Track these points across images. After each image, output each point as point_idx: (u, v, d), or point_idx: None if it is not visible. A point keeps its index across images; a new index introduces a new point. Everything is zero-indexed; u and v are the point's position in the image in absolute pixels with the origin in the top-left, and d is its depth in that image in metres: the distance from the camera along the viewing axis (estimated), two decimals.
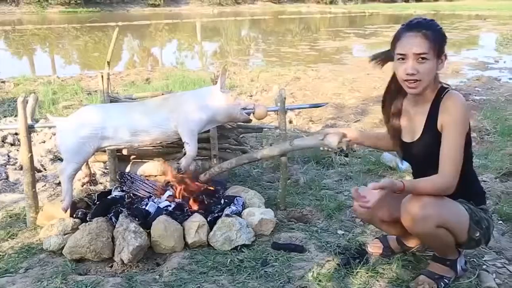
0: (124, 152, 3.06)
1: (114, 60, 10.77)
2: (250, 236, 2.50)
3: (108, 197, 2.82)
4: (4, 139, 4.39)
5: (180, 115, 2.53)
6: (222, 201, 2.76)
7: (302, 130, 5.15)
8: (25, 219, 2.81)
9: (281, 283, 2.14)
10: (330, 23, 27.01)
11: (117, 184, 2.96)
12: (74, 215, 2.65)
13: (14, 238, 2.64)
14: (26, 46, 15.89)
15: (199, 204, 2.75)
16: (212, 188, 2.91)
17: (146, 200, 2.75)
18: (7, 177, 3.68)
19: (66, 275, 2.22)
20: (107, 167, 3.22)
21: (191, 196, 2.80)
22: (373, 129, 5.00)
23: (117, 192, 2.86)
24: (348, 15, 33.68)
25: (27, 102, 2.70)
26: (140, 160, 3.12)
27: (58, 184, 3.39)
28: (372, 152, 4.16)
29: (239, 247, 2.44)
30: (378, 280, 2.13)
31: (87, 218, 2.57)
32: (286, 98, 2.87)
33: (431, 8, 37.21)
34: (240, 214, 2.65)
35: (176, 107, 2.55)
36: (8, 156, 4.10)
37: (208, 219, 2.56)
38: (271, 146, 2.74)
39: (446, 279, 2.05)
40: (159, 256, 2.44)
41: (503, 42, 14.81)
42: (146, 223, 2.48)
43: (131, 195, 2.82)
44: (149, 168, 3.07)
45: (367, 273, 2.18)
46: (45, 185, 3.43)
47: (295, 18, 30.07)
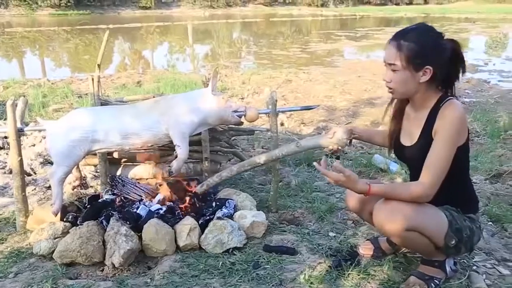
0: (115, 155, 3.05)
1: (105, 63, 10.73)
2: (241, 238, 2.50)
3: (99, 200, 2.81)
4: None
5: (171, 118, 2.52)
6: (214, 203, 2.75)
7: (293, 132, 5.16)
8: (14, 223, 2.79)
9: (273, 285, 2.14)
10: (321, 25, 27.14)
11: (107, 187, 2.94)
12: (65, 219, 2.63)
13: (3, 243, 2.61)
14: (16, 48, 15.80)
15: (191, 207, 2.75)
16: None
17: (137, 203, 2.74)
18: None
19: (57, 279, 2.20)
20: (98, 170, 3.21)
21: (182, 199, 2.79)
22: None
23: (108, 195, 2.85)
24: (339, 17, 33.84)
25: (16, 105, 2.68)
26: (131, 163, 3.11)
27: (48, 187, 3.37)
28: (363, 154, 4.18)
29: (230, 250, 2.44)
30: (369, 282, 2.14)
31: (78, 222, 2.55)
32: (277, 101, 2.87)
33: (421, 11, 37.49)
34: (231, 216, 2.65)
35: (167, 110, 2.55)
36: None
37: (200, 222, 2.55)
38: (278, 148, 2.65)
39: (436, 280, 2.06)
40: (150, 260, 2.43)
41: (493, 45, 14.97)
42: (137, 226, 2.47)
43: (122, 198, 2.80)
44: (140, 171, 3.06)
45: (359, 275, 2.18)
46: (35, 188, 3.40)
47: (287, 21, 30.18)
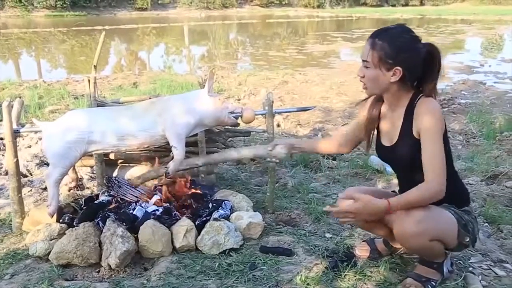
0: (112, 156, 3.04)
1: (101, 64, 10.71)
2: (238, 240, 2.50)
3: (95, 201, 2.80)
4: None
5: (168, 119, 2.52)
6: (210, 205, 2.75)
7: (290, 133, 5.17)
8: (10, 224, 2.78)
9: (269, 286, 2.14)
10: (317, 27, 27.18)
11: (104, 188, 2.94)
12: (61, 220, 2.63)
13: None
14: (12, 50, 15.75)
15: (187, 208, 2.75)
16: (200, 192, 2.90)
17: (133, 204, 2.73)
18: None
19: (53, 280, 2.20)
20: (94, 172, 3.20)
21: (179, 200, 2.79)
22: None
23: (104, 196, 2.84)
24: (335, 19, 33.91)
25: (12, 107, 2.67)
26: (128, 164, 3.10)
27: (44, 189, 3.36)
28: (359, 156, 4.19)
29: (227, 251, 2.44)
30: (366, 283, 2.14)
31: (74, 223, 2.55)
32: (273, 102, 2.87)
33: (417, 13, 37.59)
34: (228, 218, 2.65)
35: (164, 111, 2.55)
36: None
37: (196, 223, 2.55)
38: (218, 152, 2.70)
39: (433, 282, 2.07)
40: (146, 261, 2.42)
41: (488, 46, 15.03)
42: (133, 227, 2.47)
43: (119, 199, 2.80)
44: (136, 172, 3.05)
45: (355, 276, 2.19)
46: (31, 190, 3.39)
47: (283, 22, 30.21)
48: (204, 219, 2.60)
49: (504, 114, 5.72)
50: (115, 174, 3.04)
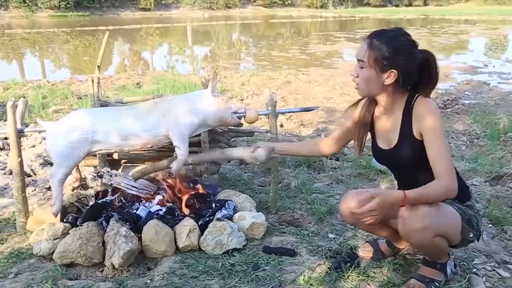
0: (115, 156, 3.05)
1: (104, 64, 10.73)
2: (241, 240, 2.50)
3: (99, 201, 2.81)
4: None
5: (171, 119, 2.52)
6: (213, 205, 2.75)
7: (293, 134, 5.16)
8: (15, 224, 2.79)
9: (272, 287, 2.14)
10: (320, 27, 27.17)
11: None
12: (65, 220, 2.63)
13: (3, 243, 2.61)
14: (16, 50, 15.80)
15: (190, 208, 2.75)
16: (203, 192, 2.90)
17: (136, 204, 2.74)
18: None
19: (56, 280, 2.20)
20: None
21: (182, 200, 2.79)
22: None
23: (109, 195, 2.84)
24: (338, 19, 33.88)
25: (16, 107, 2.68)
26: (131, 164, 3.11)
27: (48, 188, 3.37)
28: (363, 156, 4.18)
29: (230, 251, 2.44)
30: (369, 284, 2.14)
31: (78, 223, 2.56)
32: (277, 102, 2.87)
33: (421, 13, 37.54)
34: (231, 218, 2.65)
35: (167, 111, 2.55)
36: None
37: (199, 223, 2.55)
38: (205, 152, 2.70)
39: (436, 283, 2.06)
40: (150, 261, 2.43)
41: (492, 47, 14.99)
42: (137, 227, 2.47)
43: (122, 198, 2.80)
44: None
45: (358, 276, 2.18)
46: (35, 189, 3.40)
47: (286, 22, 30.20)
48: (207, 219, 2.60)
49: (508, 114, 5.70)
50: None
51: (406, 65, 1.90)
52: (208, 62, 12.70)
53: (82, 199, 3.06)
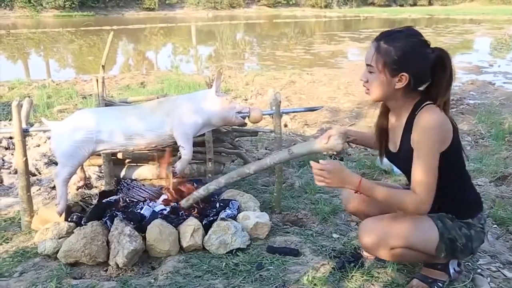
0: (119, 155, 3.06)
1: (109, 64, 10.76)
2: (245, 239, 2.50)
3: (103, 200, 2.82)
4: None
5: (175, 118, 2.53)
6: (217, 204, 2.75)
7: (297, 133, 5.16)
8: (19, 223, 2.80)
9: (276, 286, 2.14)
10: (325, 27, 27.13)
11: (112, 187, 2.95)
12: (69, 219, 2.64)
13: (8, 242, 2.63)
14: (21, 50, 15.85)
15: (194, 207, 2.75)
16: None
17: (141, 203, 2.74)
18: (2, 181, 3.66)
19: (61, 279, 2.21)
20: (102, 171, 3.21)
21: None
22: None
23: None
24: (343, 19, 33.83)
25: (21, 106, 2.69)
26: (135, 164, 3.11)
27: (53, 188, 3.38)
28: (367, 156, 4.18)
29: (234, 251, 2.44)
30: (373, 284, 2.14)
31: (82, 222, 2.56)
32: (281, 102, 2.87)
33: (425, 13, 37.43)
34: (235, 217, 2.65)
35: (171, 111, 2.55)
36: (3, 160, 4.09)
37: (203, 223, 2.55)
38: (262, 158, 2.47)
39: (439, 283, 2.05)
40: (154, 260, 2.43)
41: (498, 46, 14.93)
42: (141, 226, 2.48)
43: (127, 199, 2.81)
44: (144, 172, 3.07)
45: (362, 276, 2.18)
46: (39, 189, 3.41)
47: (290, 22, 30.18)
48: (211, 218, 2.60)
49: None
50: (122, 173, 3.05)
51: (417, 67, 1.80)
52: (212, 62, 12.70)
53: (87, 198, 3.07)
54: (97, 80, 2.95)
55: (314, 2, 52.89)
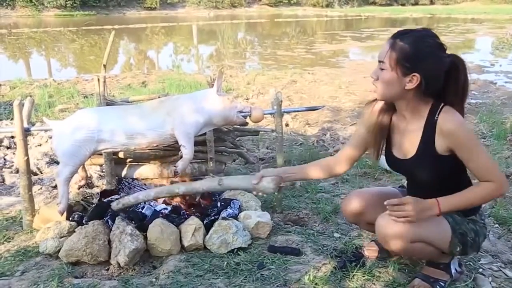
0: (121, 155, 3.06)
1: (110, 63, 10.76)
2: (246, 239, 2.50)
3: (104, 199, 2.82)
4: (0, 142, 4.38)
5: (176, 118, 2.53)
6: (219, 204, 2.76)
7: (298, 133, 5.16)
8: (21, 222, 2.80)
9: (277, 286, 2.14)
10: (326, 26, 27.11)
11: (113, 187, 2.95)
12: (71, 218, 2.64)
13: (10, 241, 2.63)
14: (22, 49, 15.86)
15: (196, 207, 2.75)
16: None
17: (142, 203, 2.74)
18: (3, 180, 3.67)
19: (63, 278, 2.21)
20: (104, 170, 3.22)
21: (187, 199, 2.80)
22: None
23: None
24: (344, 18, 33.79)
25: (23, 105, 2.69)
26: (137, 163, 3.11)
27: (54, 187, 3.39)
28: (369, 155, 4.17)
29: (235, 250, 2.44)
30: (374, 283, 2.13)
31: (84, 221, 2.57)
32: (282, 101, 2.87)
33: (427, 12, 37.38)
34: (236, 217, 2.65)
35: (173, 110, 2.55)
36: (4, 159, 4.10)
37: (205, 222, 2.56)
38: (196, 181, 2.44)
39: (441, 282, 2.05)
40: (155, 259, 2.43)
41: (499, 46, 14.89)
42: (142, 226, 2.48)
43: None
44: (145, 171, 3.07)
45: (364, 276, 2.18)
46: (41, 188, 3.42)
47: (291, 21, 30.16)
48: (213, 218, 2.60)
49: None
50: (124, 172, 3.06)
51: (430, 69, 1.76)
52: (214, 61, 12.70)
53: (88, 197, 3.07)
54: (98, 80, 2.95)
55: (315, 1, 52.82)
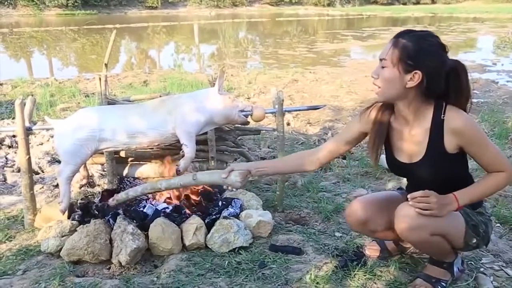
0: (122, 154, 3.06)
1: (111, 62, 10.76)
2: (248, 238, 2.50)
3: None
4: (1, 141, 4.39)
5: (178, 117, 2.53)
6: (220, 203, 2.76)
7: (299, 132, 5.16)
8: (23, 221, 2.81)
9: (278, 285, 2.14)
10: (328, 25, 27.08)
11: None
12: (71, 217, 2.65)
13: (12, 240, 2.64)
14: (24, 48, 15.88)
15: (197, 206, 2.75)
16: (210, 190, 2.91)
17: (143, 202, 2.75)
18: (5, 179, 3.67)
19: (64, 277, 2.22)
20: (105, 169, 3.22)
21: (189, 198, 2.80)
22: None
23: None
24: (345, 17, 33.74)
25: (24, 105, 2.69)
26: (138, 162, 3.12)
27: (56, 186, 3.39)
28: (369, 155, 4.16)
29: (236, 249, 2.44)
30: (375, 283, 2.13)
31: (85, 220, 2.57)
32: (283, 100, 2.87)
33: (429, 11, 37.32)
34: (238, 216, 2.65)
35: (174, 109, 2.55)
36: (6, 158, 4.10)
37: (206, 221, 2.56)
38: (177, 177, 2.48)
39: (443, 282, 2.05)
40: (156, 258, 2.43)
41: (501, 45, 14.87)
42: (144, 225, 2.48)
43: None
44: (147, 170, 3.07)
45: (365, 275, 2.18)
46: (42, 187, 3.42)
47: (293, 21, 30.13)
48: (214, 217, 2.60)
49: None
50: (125, 172, 3.06)
51: (432, 67, 1.76)
52: (215, 60, 12.70)
53: (90, 196, 3.07)
54: (100, 79, 2.95)
55: (317, 0, 52.76)
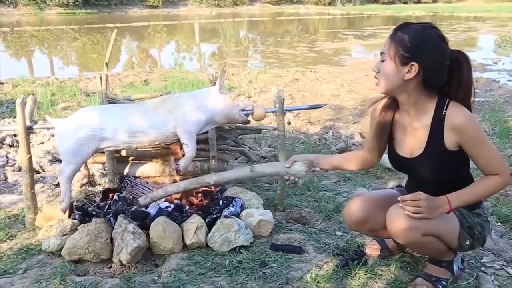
0: (123, 153, 3.06)
1: (112, 61, 10.76)
2: (248, 237, 2.50)
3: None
4: (2, 140, 4.39)
5: (179, 116, 2.53)
6: (221, 202, 2.76)
7: (300, 131, 5.16)
8: (23, 220, 2.81)
9: (279, 284, 2.14)
10: (328, 24, 27.04)
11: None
12: (72, 216, 2.65)
13: (12, 239, 2.64)
14: (25, 47, 15.88)
15: (198, 205, 2.76)
16: (210, 189, 2.91)
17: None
18: (6, 178, 3.68)
19: (65, 276, 2.22)
20: (106, 168, 3.22)
21: (189, 197, 2.80)
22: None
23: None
24: (346, 16, 33.69)
25: (25, 104, 2.69)
26: (139, 161, 3.12)
27: (57, 185, 3.39)
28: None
29: (237, 248, 2.45)
30: (376, 282, 2.14)
31: (86, 219, 2.57)
32: (284, 99, 2.87)
33: (429, 10, 37.28)
34: (238, 215, 2.65)
35: (175, 108, 2.56)
36: (7, 157, 4.11)
37: (207, 220, 2.56)
38: (228, 170, 2.43)
39: (443, 281, 2.05)
40: (157, 257, 2.44)
41: (502, 44, 14.84)
42: (144, 224, 2.48)
43: (130, 196, 2.81)
44: (147, 169, 3.07)
45: (366, 274, 2.18)
46: (43, 186, 3.43)
47: (294, 20, 30.09)
48: (215, 216, 2.60)
49: None
50: (126, 171, 3.06)
51: (429, 59, 1.76)
52: (216, 60, 12.69)
53: (90, 195, 3.08)
54: (100, 78, 2.95)
55: None
